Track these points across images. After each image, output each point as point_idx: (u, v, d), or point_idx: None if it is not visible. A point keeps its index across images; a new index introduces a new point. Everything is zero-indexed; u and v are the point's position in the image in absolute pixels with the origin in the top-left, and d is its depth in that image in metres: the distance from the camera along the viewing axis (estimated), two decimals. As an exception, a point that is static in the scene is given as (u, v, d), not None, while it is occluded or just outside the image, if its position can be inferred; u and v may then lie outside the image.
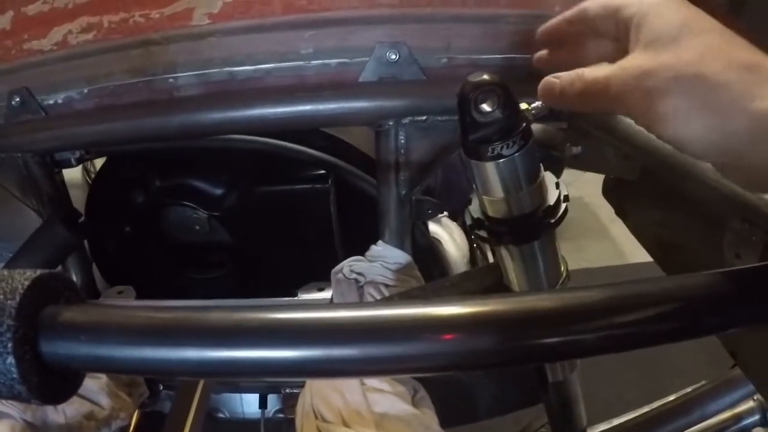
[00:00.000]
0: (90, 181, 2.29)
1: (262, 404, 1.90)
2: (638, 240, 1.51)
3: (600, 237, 4.84)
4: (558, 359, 0.65)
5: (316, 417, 1.28)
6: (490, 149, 0.91)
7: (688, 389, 1.90)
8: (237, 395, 1.95)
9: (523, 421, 2.17)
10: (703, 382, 1.90)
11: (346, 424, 1.24)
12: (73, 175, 2.04)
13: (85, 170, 2.72)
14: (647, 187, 1.43)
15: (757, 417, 1.85)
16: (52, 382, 0.54)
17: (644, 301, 0.54)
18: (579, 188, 3.83)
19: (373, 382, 1.28)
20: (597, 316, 0.52)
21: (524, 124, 0.91)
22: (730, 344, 1.07)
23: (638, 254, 1.54)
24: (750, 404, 1.85)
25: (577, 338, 0.52)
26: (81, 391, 1.40)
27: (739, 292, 0.55)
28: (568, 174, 1.59)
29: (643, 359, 3.42)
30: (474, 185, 1.01)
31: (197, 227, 1.89)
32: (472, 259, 2.20)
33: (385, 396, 1.27)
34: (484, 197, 1.01)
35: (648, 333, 0.53)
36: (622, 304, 0.53)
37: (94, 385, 1.43)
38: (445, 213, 2.17)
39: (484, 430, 2.05)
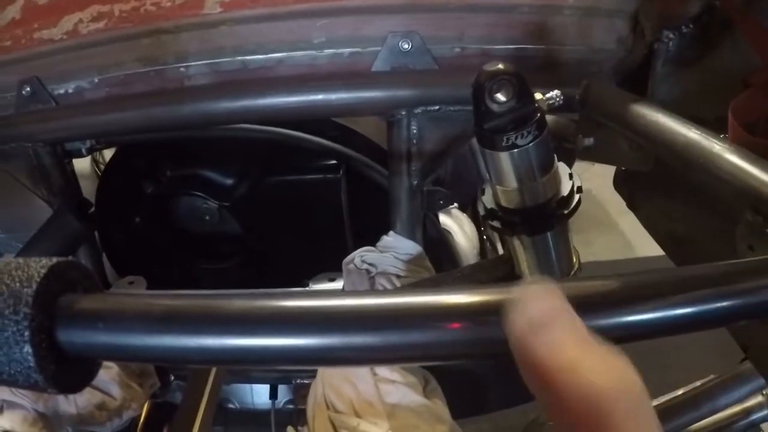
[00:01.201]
0: (99, 172, 2.29)
1: (273, 395, 1.90)
2: (649, 233, 1.51)
3: (608, 230, 4.83)
4: None
5: (327, 407, 1.28)
6: (504, 139, 0.90)
7: (697, 383, 1.90)
8: (247, 386, 1.95)
9: (531, 414, 2.17)
10: (712, 376, 1.90)
11: (357, 415, 1.24)
12: (82, 165, 2.05)
13: (94, 161, 2.73)
14: (659, 179, 1.43)
15: (766, 411, 1.85)
16: (68, 371, 0.54)
17: (657, 291, 0.53)
18: (588, 181, 3.80)
19: (384, 372, 1.28)
20: (610, 306, 0.52)
21: (539, 115, 0.91)
22: (742, 338, 1.07)
23: (647, 248, 1.54)
24: (759, 399, 1.85)
25: (590, 327, 0.52)
26: (92, 381, 1.41)
27: (751, 283, 0.55)
28: (576, 166, 1.59)
29: (652, 352, 3.40)
30: (487, 175, 1.01)
31: (207, 217, 1.89)
32: (482, 251, 2.21)
33: (396, 387, 1.27)
34: (498, 187, 1.01)
35: (659, 323, 0.53)
36: (635, 293, 0.53)
37: (106, 375, 1.43)
38: (456, 204, 2.17)
39: (491, 422, 2.05)
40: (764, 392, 1.84)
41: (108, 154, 2.08)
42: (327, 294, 0.53)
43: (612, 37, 1.41)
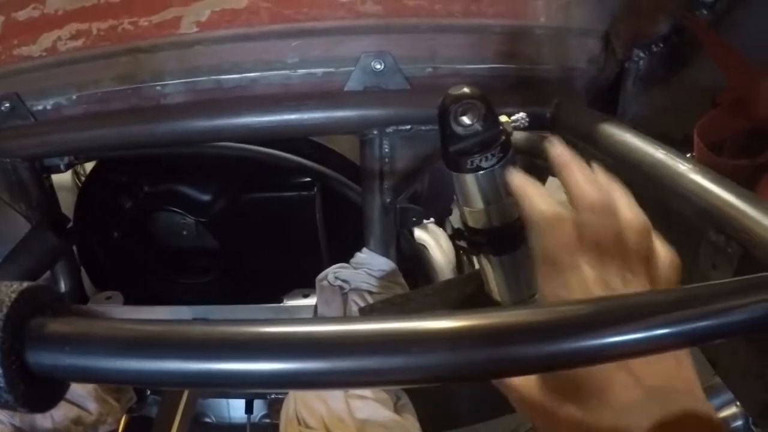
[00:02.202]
0: (80, 185, 2.29)
1: (249, 409, 1.90)
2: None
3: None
4: (534, 372, 0.65)
5: (299, 423, 1.29)
6: (469, 161, 0.91)
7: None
8: (224, 400, 1.95)
9: (512, 424, 2.16)
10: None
11: (328, 430, 1.25)
12: (63, 178, 2.05)
13: (76, 174, 2.72)
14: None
15: (739, 423, 1.85)
16: (37, 391, 0.55)
17: (620, 315, 0.54)
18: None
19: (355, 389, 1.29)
20: (575, 331, 0.53)
21: (503, 137, 0.92)
22: (710, 354, 1.08)
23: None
24: (733, 410, 1.85)
25: (554, 353, 0.53)
26: (69, 396, 1.42)
27: (713, 305, 0.56)
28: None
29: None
30: (455, 196, 1.02)
31: (185, 233, 1.89)
32: (459, 265, 2.21)
33: (366, 403, 1.28)
34: (465, 208, 1.02)
35: (623, 347, 0.54)
36: (599, 318, 0.54)
37: (82, 390, 1.43)
38: (432, 219, 2.18)
39: (472, 432, 2.05)
40: (738, 404, 1.84)
41: (90, 167, 2.08)
42: (286, 321, 0.54)
43: (583, 56, 1.43)
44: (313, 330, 0.53)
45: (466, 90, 0.88)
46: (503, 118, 0.92)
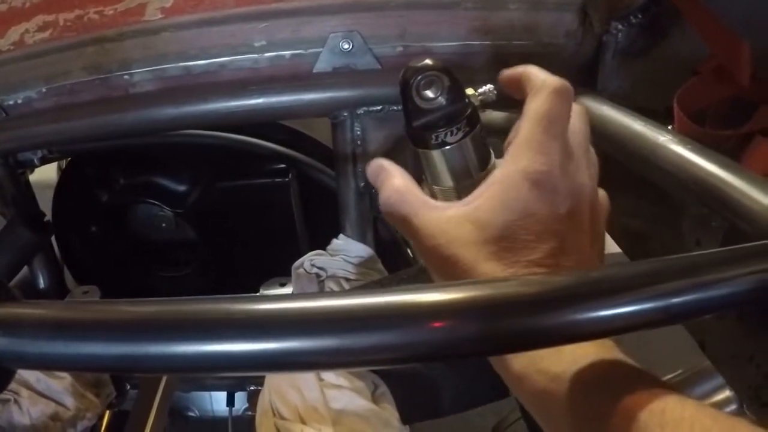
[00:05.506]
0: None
1: (230, 402, 1.90)
2: (605, 228, 1.50)
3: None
4: (523, 349, 0.62)
5: (273, 414, 1.27)
6: (434, 136, 0.89)
7: (665, 378, 1.88)
8: (206, 393, 1.95)
9: (504, 410, 2.15)
10: (680, 371, 1.88)
11: (302, 421, 1.23)
12: (48, 176, 2.04)
13: (60, 170, 2.72)
14: (612, 175, 1.42)
15: (734, 406, 1.84)
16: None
17: (603, 288, 0.52)
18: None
19: (330, 377, 1.28)
20: (558, 305, 0.50)
21: (470, 110, 0.90)
22: (698, 334, 1.06)
23: (607, 244, 1.53)
24: (727, 393, 1.83)
25: (538, 327, 0.50)
26: (46, 391, 1.41)
27: (696, 279, 0.54)
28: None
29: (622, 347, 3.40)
30: (423, 176, 1.00)
31: (164, 225, 1.89)
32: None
33: (342, 392, 1.26)
34: (434, 187, 0.99)
35: (604, 322, 0.51)
36: (585, 291, 0.51)
37: (59, 385, 1.42)
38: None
39: (463, 422, 2.04)
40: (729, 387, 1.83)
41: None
42: (212, 299, 0.51)
43: (560, 30, 1.41)
44: (242, 308, 0.50)
45: (428, 62, 0.86)
46: (469, 91, 0.90)
